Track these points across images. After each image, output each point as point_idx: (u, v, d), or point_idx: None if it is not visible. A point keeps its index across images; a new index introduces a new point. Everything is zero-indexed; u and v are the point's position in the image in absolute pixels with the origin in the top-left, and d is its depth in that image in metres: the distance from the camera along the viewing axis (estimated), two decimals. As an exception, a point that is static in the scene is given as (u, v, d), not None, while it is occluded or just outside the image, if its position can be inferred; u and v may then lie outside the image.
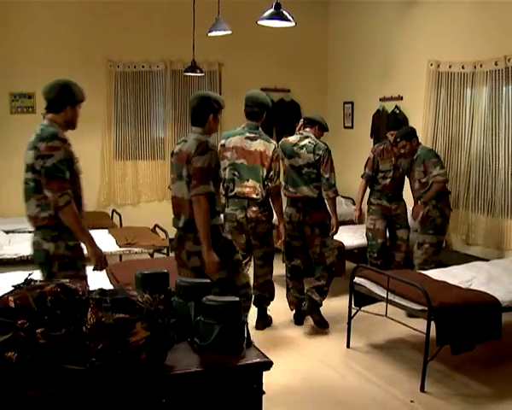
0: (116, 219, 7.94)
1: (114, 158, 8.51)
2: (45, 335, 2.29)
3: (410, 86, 7.70)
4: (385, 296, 4.63)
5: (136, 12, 8.27)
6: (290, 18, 4.64)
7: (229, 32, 6.53)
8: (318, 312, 5.54)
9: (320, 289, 5.54)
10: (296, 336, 5.37)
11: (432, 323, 4.21)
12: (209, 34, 6.64)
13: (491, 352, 4.87)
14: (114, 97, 8.40)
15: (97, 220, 7.67)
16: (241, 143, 5.15)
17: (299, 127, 5.75)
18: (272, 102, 8.98)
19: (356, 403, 4.12)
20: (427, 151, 6.06)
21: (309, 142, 5.45)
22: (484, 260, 6.13)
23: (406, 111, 7.82)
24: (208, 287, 2.87)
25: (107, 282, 4.69)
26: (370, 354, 4.96)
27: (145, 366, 2.31)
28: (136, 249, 6.45)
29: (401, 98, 7.90)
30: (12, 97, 7.92)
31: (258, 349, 2.62)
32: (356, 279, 5.01)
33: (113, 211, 8.12)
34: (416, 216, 6.07)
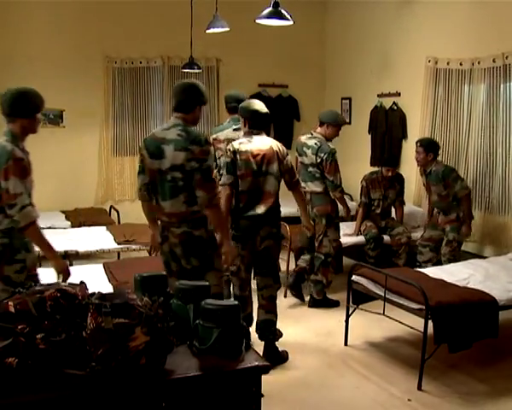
0: (114, 215, 7.94)
1: (112, 154, 8.51)
2: (45, 340, 2.30)
3: (408, 83, 7.71)
4: (382, 295, 4.65)
5: (133, 8, 8.25)
6: (288, 17, 4.64)
7: (227, 30, 6.52)
8: (319, 306, 6.02)
9: (318, 283, 5.98)
10: (295, 334, 5.38)
11: (429, 321, 4.24)
12: (207, 31, 6.63)
13: (488, 350, 4.89)
14: (112, 93, 8.40)
15: (95, 217, 7.70)
16: (232, 135, 5.25)
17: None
18: (270, 98, 9.12)
19: (354, 402, 4.14)
20: (445, 169, 6.22)
21: (314, 143, 5.82)
22: (480, 256, 6.18)
23: (404, 107, 7.84)
24: (207, 290, 2.88)
25: (105, 281, 4.69)
26: (368, 352, 4.99)
27: (145, 371, 2.33)
28: (134, 247, 6.45)
29: (399, 94, 7.91)
30: (9, 94, 7.88)
31: (257, 352, 2.63)
32: (354, 277, 5.03)
33: (111, 207, 8.12)
34: (468, 233, 6.27)
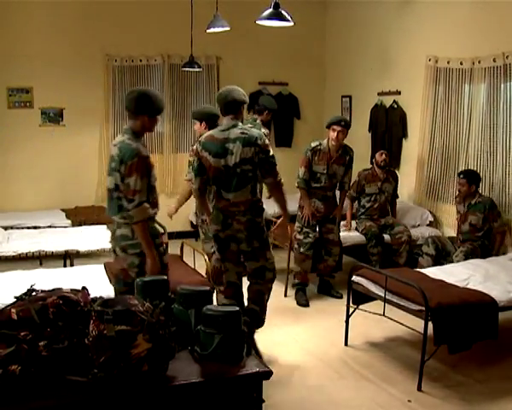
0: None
1: (112, 152, 8.50)
2: (48, 347, 2.32)
3: (409, 81, 7.70)
4: (382, 295, 4.66)
5: (133, 6, 8.23)
6: (289, 18, 4.64)
7: (227, 29, 6.51)
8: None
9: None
10: (295, 333, 5.40)
11: (429, 322, 4.25)
12: (207, 31, 6.62)
13: (488, 351, 4.90)
14: (112, 92, 8.38)
15: (96, 215, 7.69)
16: None
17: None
18: (270, 96, 9.10)
19: (354, 403, 4.15)
20: (491, 202, 6.24)
21: None
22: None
23: (404, 106, 7.83)
24: (208, 295, 2.90)
25: (107, 282, 4.70)
26: (368, 352, 5.00)
27: (147, 378, 2.34)
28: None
29: (399, 93, 7.90)
30: (9, 92, 7.89)
31: (257, 358, 2.65)
32: (354, 278, 5.03)
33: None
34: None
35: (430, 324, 4.25)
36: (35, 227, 6.96)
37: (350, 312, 5.05)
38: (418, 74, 7.42)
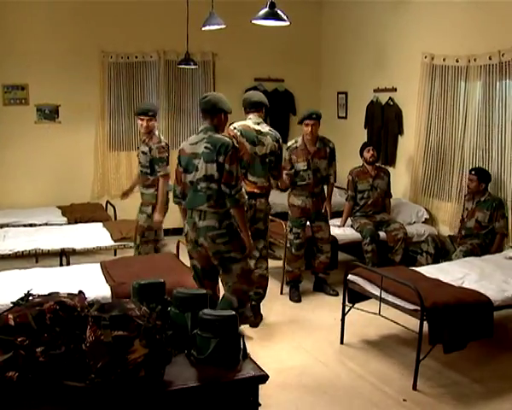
0: (110, 210, 7.94)
1: (108, 149, 8.50)
2: (45, 353, 2.32)
3: (404, 78, 7.71)
4: (378, 295, 4.67)
5: (128, 2, 8.20)
6: (285, 17, 4.63)
7: (223, 27, 6.50)
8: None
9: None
10: (291, 332, 5.41)
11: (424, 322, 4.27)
12: (203, 28, 6.61)
13: (483, 349, 4.92)
14: (108, 88, 8.36)
15: (91, 213, 7.70)
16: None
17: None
18: (266, 92, 9.12)
19: (350, 402, 4.17)
20: (499, 202, 6.28)
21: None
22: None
23: (400, 103, 7.84)
24: (204, 298, 2.90)
25: (103, 281, 4.70)
26: (364, 351, 5.02)
27: (144, 383, 2.35)
28: (131, 244, 6.47)
29: (395, 90, 7.91)
30: (4, 89, 7.87)
31: (253, 362, 2.66)
32: (349, 277, 5.05)
33: (107, 202, 8.12)
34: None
35: (425, 323, 4.28)
36: (31, 225, 6.96)
37: (346, 310, 5.07)
38: (414, 71, 7.43)
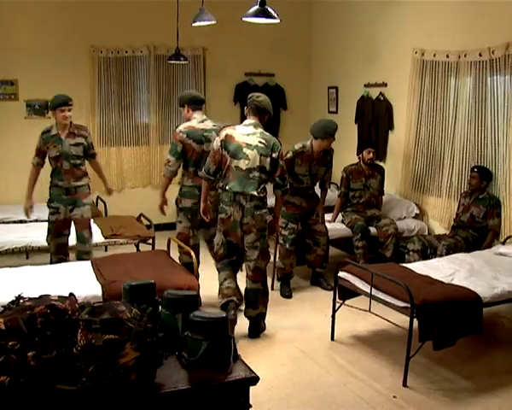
0: (101, 206, 7.92)
1: (98, 144, 8.43)
2: (36, 358, 2.32)
3: (395, 73, 7.72)
4: (368, 292, 4.69)
5: (118, -3, 8.18)
6: (275, 15, 4.64)
7: (213, 23, 6.49)
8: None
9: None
10: (281, 328, 5.43)
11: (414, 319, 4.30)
12: (193, 24, 6.59)
13: (472, 345, 4.97)
14: (98, 83, 8.32)
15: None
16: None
17: None
18: (257, 87, 9.12)
19: (340, 399, 4.20)
20: (497, 201, 6.32)
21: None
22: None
23: (390, 98, 7.86)
24: (195, 299, 2.91)
25: (94, 280, 4.70)
26: (354, 347, 5.05)
27: (135, 387, 2.36)
28: (121, 240, 6.47)
29: (385, 85, 7.92)
30: (-6, 85, 7.83)
31: (244, 363, 2.67)
32: (340, 273, 5.07)
33: (98, 198, 8.09)
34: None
35: (415, 320, 4.30)
36: (21, 221, 6.93)
37: (336, 307, 5.09)
38: (404, 67, 7.45)
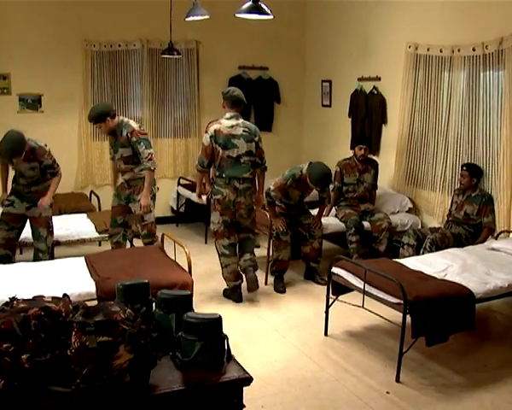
0: (94, 200, 7.91)
1: (91, 138, 8.43)
2: (30, 360, 2.33)
3: (388, 67, 7.72)
4: (362, 287, 4.71)
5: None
6: (268, 11, 4.65)
7: (206, 17, 6.47)
8: None
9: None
10: (275, 323, 5.45)
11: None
12: (186, 19, 6.57)
13: (465, 341, 4.99)
14: (91, 77, 8.28)
15: (76, 203, 7.66)
16: None
17: None
18: (250, 80, 9.13)
19: (334, 395, 4.22)
20: (489, 198, 6.33)
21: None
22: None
23: (384, 92, 7.85)
24: (189, 299, 2.92)
25: (88, 276, 4.70)
26: (348, 343, 5.07)
27: (129, 388, 2.37)
28: (115, 236, 6.46)
29: (379, 79, 7.92)
30: (-14, 79, 7.79)
31: (238, 364, 2.68)
32: (333, 269, 5.09)
33: (92, 192, 8.09)
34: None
35: (408, 316, 4.32)
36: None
37: (330, 302, 5.11)
38: (398, 61, 7.44)
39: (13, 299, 2.59)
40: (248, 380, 2.59)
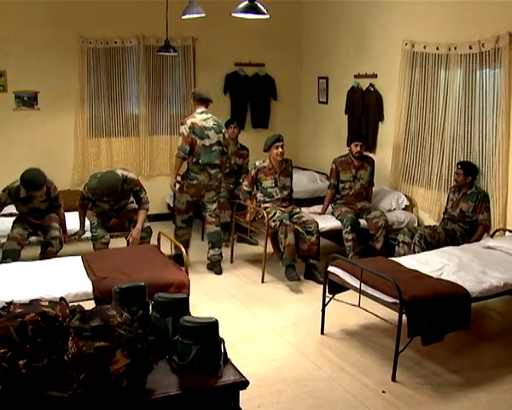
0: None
1: (88, 135, 8.42)
2: (27, 366, 2.34)
3: (385, 65, 7.72)
4: (358, 287, 4.73)
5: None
6: (264, 10, 4.64)
7: (202, 15, 6.46)
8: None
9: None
10: (271, 322, 5.46)
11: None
12: (182, 17, 6.56)
13: (460, 339, 5.00)
14: (87, 74, 8.25)
15: (72, 200, 7.61)
16: None
17: None
18: (247, 77, 9.12)
19: (330, 394, 4.23)
20: (485, 195, 6.34)
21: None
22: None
23: (380, 89, 7.85)
24: (185, 302, 2.93)
25: (84, 276, 4.71)
26: (344, 342, 5.08)
27: (126, 393, 2.38)
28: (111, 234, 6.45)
29: (375, 76, 7.92)
30: (-18, 76, 7.77)
31: (234, 367, 2.69)
32: (330, 268, 5.10)
33: (88, 190, 8.06)
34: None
35: (404, 315, 4.34)
36: (11, 214, 6.89)
37: (326, 301, 5.12)
38: (395, 58, 7.44)
39: (10, 303, 2.59)
40: (245, 384, 2.60)
